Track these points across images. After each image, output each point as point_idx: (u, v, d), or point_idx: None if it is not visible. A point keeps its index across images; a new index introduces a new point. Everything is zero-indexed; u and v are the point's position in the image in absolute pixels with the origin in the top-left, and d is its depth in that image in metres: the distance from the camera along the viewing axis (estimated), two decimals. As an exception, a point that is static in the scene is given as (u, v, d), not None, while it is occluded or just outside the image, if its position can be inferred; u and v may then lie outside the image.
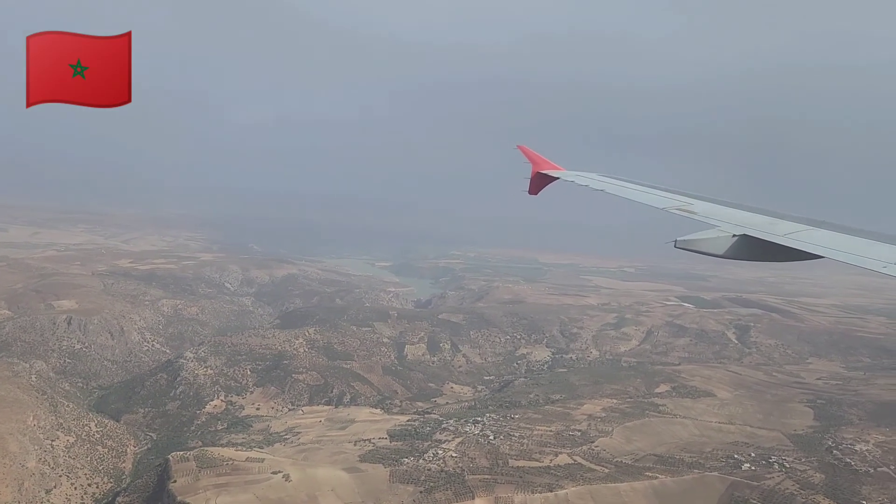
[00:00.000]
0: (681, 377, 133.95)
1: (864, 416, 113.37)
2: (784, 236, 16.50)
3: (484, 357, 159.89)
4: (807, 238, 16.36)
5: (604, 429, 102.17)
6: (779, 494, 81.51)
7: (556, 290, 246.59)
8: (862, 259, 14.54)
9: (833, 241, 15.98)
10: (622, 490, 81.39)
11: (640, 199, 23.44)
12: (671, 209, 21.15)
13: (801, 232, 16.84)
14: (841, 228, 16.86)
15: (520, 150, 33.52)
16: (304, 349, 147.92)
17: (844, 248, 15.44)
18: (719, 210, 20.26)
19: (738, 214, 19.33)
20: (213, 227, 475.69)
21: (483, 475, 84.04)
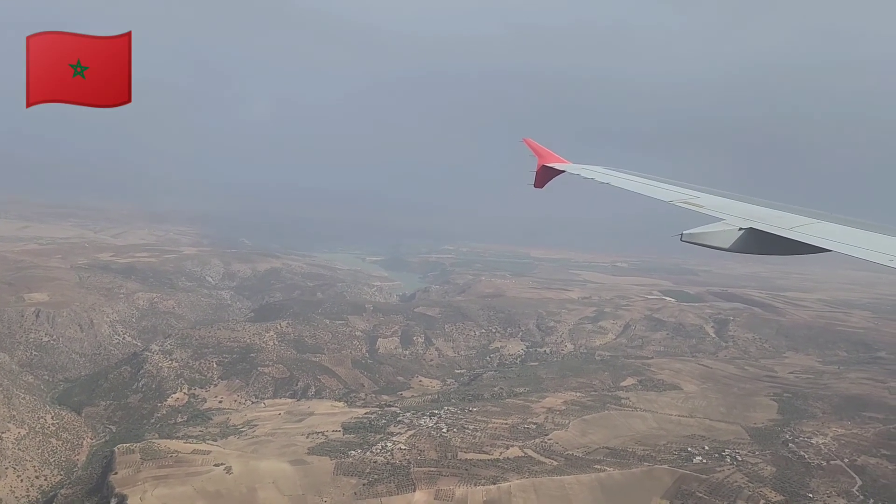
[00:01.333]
0: (649, 370, 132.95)
1: (829, 409, 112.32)
2: (791, 230, 16.25)
3: (457, 351, 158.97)
4: (813, 231, 16.14)
5: (560, 422, 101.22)
6: (726, 487, 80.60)
7: (539, 285, 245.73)
8: (869, 252, 14.27)
9: (840, 235, 15.81)
10: (567, 483, 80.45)
11: (645, 192, 23.28)
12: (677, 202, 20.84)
13: (808, 225, 16.63)
14: (848, 222, 16.72)
15: (525, 143, 33.40)
16: (274, 342, 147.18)
17: (851, 241, 15.26)
18: (726, 203, 20.00)
19: (745, 207, 19.13)
20: (206, 222, 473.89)
21: (429, 468, 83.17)
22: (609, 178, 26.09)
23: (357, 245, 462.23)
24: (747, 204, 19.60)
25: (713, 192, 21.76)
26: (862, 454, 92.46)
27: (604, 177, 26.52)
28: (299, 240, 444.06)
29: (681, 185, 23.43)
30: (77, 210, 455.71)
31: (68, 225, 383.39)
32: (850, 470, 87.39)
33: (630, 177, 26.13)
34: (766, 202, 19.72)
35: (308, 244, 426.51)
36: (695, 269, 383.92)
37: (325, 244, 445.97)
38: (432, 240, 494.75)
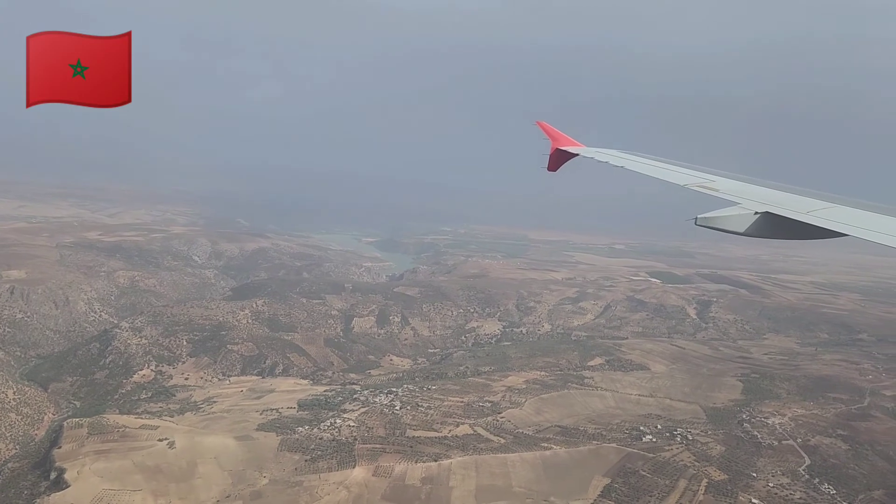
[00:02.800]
0: (619, 351, 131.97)
1: (794, 390, 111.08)
2: (807, 214, 16.06)
3: (433, 330, 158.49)
4: (830, 215, 15.98)
5: (517, 400, 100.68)
6: (671, 466, 79.86)
7: (527, 266, 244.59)
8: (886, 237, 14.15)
9: (857, 219, 15.59)
10: (510, 460, 79.94)
11: (660, 175, 23.06)
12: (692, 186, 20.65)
13: (825, 209, 16.44)
14: (865, 206, 16.50)
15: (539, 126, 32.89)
16: (248, 320, 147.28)
17: (868, 225, 15.06)
18: (742, 187, 19.78)
19: (761, 192, 18.91)
20: (206, 203, 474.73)
21: (374, 444, 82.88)
22: (623, 162, 25.89)
23: (355, 226, 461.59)
24: (764, 188, 19.40)
25: (729, 175, 21.74)
26: (818, 434, 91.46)
27: (618, 160, 26.29)
28: (297, 220, 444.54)
29: (696, 168, 23.39)
30: (77, 190, 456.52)
31: (66, 205, 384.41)
32: (801, 450, 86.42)
33: (644, 160, 25.93)
34: (783, 186, 19.49)
35: (306, 225, 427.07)
36: (694, 251, 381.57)
37: (323, 225, 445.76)
38: (432, 221, 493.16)
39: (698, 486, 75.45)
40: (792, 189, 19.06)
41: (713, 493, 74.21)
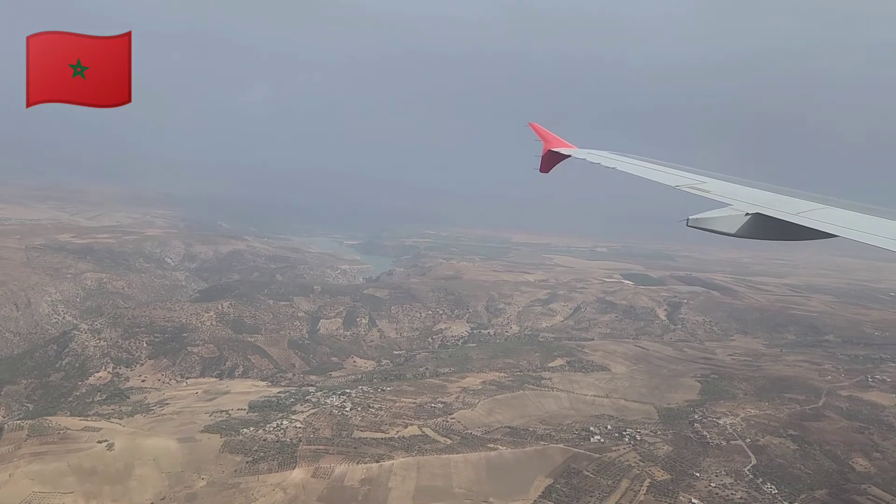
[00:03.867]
0: (583, 352, 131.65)
1: (751, 391, 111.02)
2: (797, 215, 16.05)
3: (399, 332, 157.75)
4: (820, 217, 15.97)
5: (470, 401, 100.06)
6: (616, 466, 79.44)
7: (503, 268, 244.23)
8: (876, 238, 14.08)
9: (847, 220, 15.57)
10: (453, 461, 79.28)
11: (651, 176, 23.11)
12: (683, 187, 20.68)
13: (815, 211, 16.46)
14: (855, 207, 16.52)
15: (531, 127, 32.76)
16: (212, 322, 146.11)
17: (858, 226, 15.04)
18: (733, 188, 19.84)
19: (752, 193, 18.95)
20: (189, 205, 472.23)
21: (318, 446, 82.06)
22: (615, 163, 25.94)
23: (339, 229, 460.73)
24: (755, 189, 19.39)
25: (720, 177, 21.71)
26: (768, 434, 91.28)
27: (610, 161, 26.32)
28: (281, 223, 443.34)
29: (687, 169, 23.42)
30: (59, 193, 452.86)
31: (45, 207, 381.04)
32: (748, 450, 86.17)
33: (636, 161, 25.98)
34: (774, 187, 19.48)
35: (289, 227, 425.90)
36: (676, 254, 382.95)
37: (306, 228, 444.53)
38: (416, 224, 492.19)
39: (640, 487, 75.06)
40: (783, 190, 19.03)
41: (654, 494, 73.82)
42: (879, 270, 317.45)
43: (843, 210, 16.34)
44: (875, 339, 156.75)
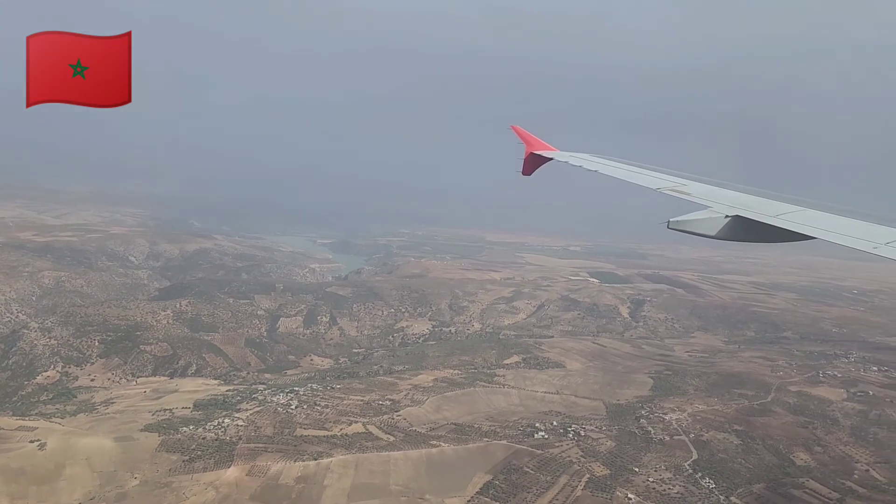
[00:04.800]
0: (539, 349, 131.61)
1: (702, 387, 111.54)
2: (776, 217, 16.40)
3: (360, 330, 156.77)
4: (799, 219, 16.26)
5: (419, 398, 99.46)
6: (557, 461, 79.30)
7: (471, 266, 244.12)
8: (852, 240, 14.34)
9: (824, 222, 15.88)
10: (393, 458, 78.62)
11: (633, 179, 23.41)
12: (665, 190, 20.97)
13: (794, 213, 16.79)
14: (833, 209, 16.82)
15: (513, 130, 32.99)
16: (168, 321, 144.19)
17: (836, 228, 15.35)
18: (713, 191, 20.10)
19: (732, 195, 19.21)
20: (162, 204, 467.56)
21: (258, 444, 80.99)
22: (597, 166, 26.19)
23: (314, 227, 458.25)
24: (734, 192, 19.59)
25: (701, 179, 21.92)
26: (713, 430, 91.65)
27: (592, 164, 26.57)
28: (256, 222, 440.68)
29: (669, 172, 23.64)
30: (30, 192, 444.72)
31: (13, 206, 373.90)
32: (691, 445, 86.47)
33: (618, 164, 26.17)
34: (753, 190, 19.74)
35: (263, 226, 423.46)
36: (649, 253, 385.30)
37: (281, 226, 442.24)
38: (392, 223, 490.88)
39: (578, 482, 74.96)
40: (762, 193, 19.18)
41: (592, 489, 73.75)
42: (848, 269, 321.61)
43: (821, 212, 16.61)
44: (832, 336, 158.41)
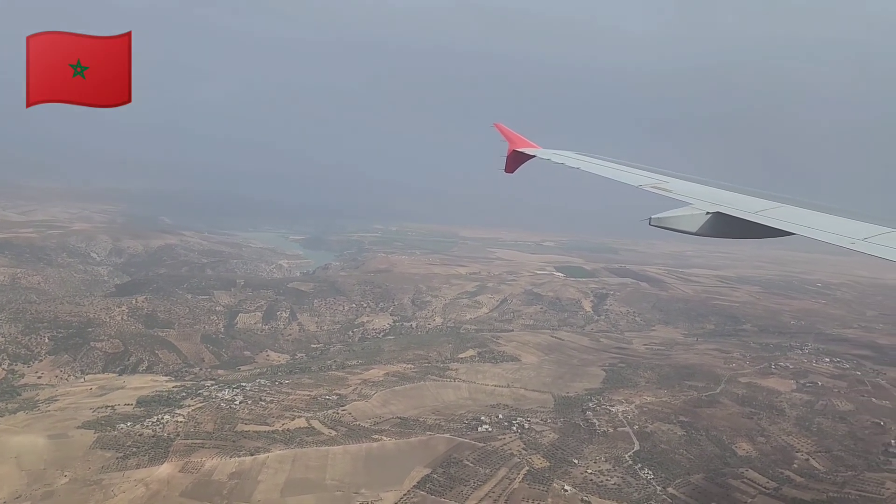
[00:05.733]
0: (496, 343, 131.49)
1: (654, 379, 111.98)
2: (756, 213, 16.61)
3: (320, 325, 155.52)
4: (778, 215, 16.52)
5: (366, 393, 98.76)
6: (498, 454, 79.09)
7: (439, 261, 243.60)
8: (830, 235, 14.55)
9: (803, 218, 16.11)
10: (332, 453, 77.94)
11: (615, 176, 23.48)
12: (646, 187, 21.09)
13: (773, 209, 17.03)
14: (812, 206, 17.07)
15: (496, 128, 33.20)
16: (123, 317, 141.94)
17: (814, 224, 15.53)
18: (694, 188, 20.24)
19: (712, 192, 19.38)
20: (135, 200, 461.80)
21: (195, 440, 79.87)
22: (579, 164, 26.40)
23: (289, 224, 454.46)
24: (715, 189, 19.78)
25: (682, 177, 22.09)
26: (658, 421, 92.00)
27: (574, 162, 26.72)
28: (231, 218, 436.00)
29: (651, 170, 23.81)
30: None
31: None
32: (634, 436, 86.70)
33: (600, 162, 26.43)
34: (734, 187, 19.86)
35: (237, 222, 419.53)
36: (622, 248, 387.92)
37: (256, 223, 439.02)
38: (367, 219, 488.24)
39: (517, 475, 74.75)
40: (742, 190, 19.40)
41: (529, 481, 73.57)
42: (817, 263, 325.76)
43: (800, 209, 16.90)
44: (790, 328, 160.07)
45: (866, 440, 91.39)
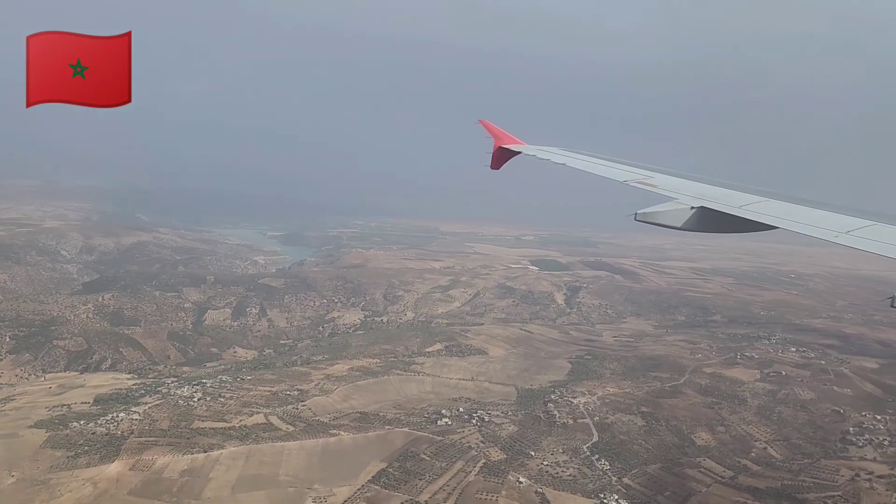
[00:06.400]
0: (465, 336, 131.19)
1: (619, 370, 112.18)
2: (740, 208, 16.69)
3: (290, 321, 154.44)
4: (762, 209, 16.59)
5: (328, 388, 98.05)
6: (456, 447, 78.78)
7: (414, 256, 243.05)
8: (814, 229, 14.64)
9: (788, 212, 16.20)
10: (287, 448, 77.21)
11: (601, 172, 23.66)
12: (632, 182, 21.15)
13: (758, 203, 17.10)
14: (796, 200, 17.21)
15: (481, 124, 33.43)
16: (88, 315, 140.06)
17: (798, 218, 15.65)
18: (679, 183, 20.35)
19: (698, 187, 19.43)
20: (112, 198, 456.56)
21: (149, 438, 78.74)
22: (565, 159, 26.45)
23: (269, 220, 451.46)
24: (700, 184, 19.87)
25: (668, 172, 22.18)
26: (620, 412, 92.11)
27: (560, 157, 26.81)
28: (211, 215, 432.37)
29: (636, 165, 23.94)
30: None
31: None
32: (594, 427, 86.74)
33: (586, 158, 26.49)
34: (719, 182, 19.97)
35: (216, 219, 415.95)
36: (600, 241, 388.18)
37: (236, 219, 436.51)
38: (348, 215, 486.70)
39: (473, 468, 74.46)
40: (727, 185, 19.47)
41: (485, 474, 73.30)
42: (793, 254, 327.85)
43: (784, 202, 17.04)
44: (760, 319, 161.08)
45: (825, 428, 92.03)
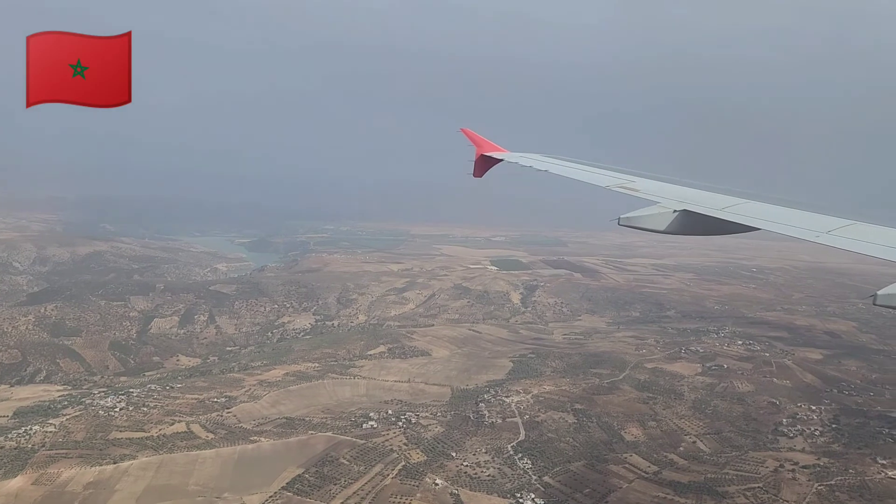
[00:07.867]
0: (410, 338, 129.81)
1: (560, 368, 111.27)
2: (722, 210, 16.74)
3: (239, 328, 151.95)
4: (744, 211, 16.67)
5: (258, 394, 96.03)
6: (377, 451, 77.29)
7: (375, 259, 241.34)
8: (796, 230, 14.73)
9: (769, 214, 16.31)
10: (201, 457, 75.24)
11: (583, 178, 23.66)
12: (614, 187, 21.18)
13: (739, 205, 17.17)
14: (777, 201, 17.41)
15: (463, 133, 33.32)
16: (28, 326, 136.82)
17: (780, 219, 15.75)
18: (661, 187, 20.37)
19: (680, 191, 19.47)
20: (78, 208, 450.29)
21: (60, 450, 76.39)
22: (547, 166, 26.48)
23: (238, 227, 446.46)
24: (682, 187, 19.90)
25: (649, 176, 22.32)
26: (552, 410, 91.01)
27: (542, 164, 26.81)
28: (178, 223, 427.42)
29: (618, 170, 23.99)
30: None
31: None
32: (522, 426, 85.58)
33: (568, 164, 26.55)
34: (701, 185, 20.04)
35: (183, 227, 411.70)
36: (570, 241, 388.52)
37: (201, 227, 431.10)
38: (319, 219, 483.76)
39: (391, 471, 72.94)
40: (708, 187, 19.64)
41: (402, 477, 71.84)
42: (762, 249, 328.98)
43: (765, 204, 17.20)
44: (712, 313, 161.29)
45: (759, 420, 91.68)
